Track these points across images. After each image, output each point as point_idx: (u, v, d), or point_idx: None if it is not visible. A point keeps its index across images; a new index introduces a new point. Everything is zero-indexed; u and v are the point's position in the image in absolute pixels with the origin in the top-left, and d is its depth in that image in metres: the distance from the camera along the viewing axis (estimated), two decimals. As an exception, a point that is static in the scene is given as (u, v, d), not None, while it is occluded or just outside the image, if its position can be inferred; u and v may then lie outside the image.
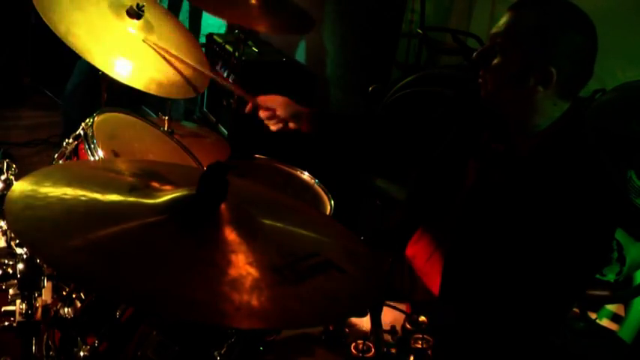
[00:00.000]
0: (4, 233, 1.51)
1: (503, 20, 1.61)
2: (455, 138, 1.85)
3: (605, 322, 2.51)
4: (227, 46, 3.73)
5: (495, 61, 1.60)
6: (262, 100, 2.05)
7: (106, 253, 1.09)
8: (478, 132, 1.79)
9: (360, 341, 1.40)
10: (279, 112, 2.03)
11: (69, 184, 1.25)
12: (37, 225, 1.11)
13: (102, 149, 1.83)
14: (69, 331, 1.37)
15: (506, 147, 1.69)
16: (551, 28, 1.54)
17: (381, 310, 1.42)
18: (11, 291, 1.41)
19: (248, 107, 2.07)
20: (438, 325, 1.57)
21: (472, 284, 1.70)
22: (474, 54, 1.66)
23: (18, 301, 1.38)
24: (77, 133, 1.90)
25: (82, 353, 1.32)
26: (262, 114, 2.05)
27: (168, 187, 1.31)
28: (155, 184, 1.32)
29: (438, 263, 1.84)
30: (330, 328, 1.49)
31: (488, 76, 1.63)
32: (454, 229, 1.78)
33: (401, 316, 1.54)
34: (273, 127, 2.07)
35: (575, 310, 2.32)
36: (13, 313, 1.38)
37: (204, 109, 4.11)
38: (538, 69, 1.55)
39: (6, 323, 1.39)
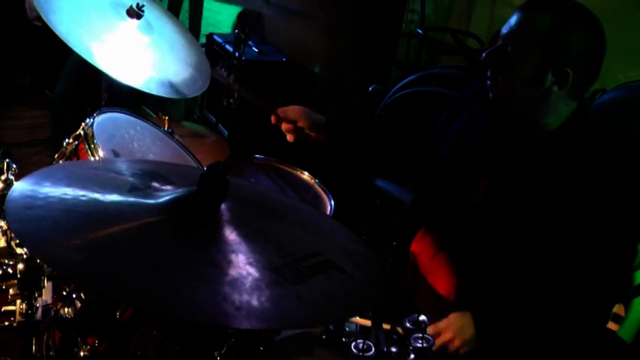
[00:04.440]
0: (4, 233, 1.51)
1: (515, 20, 1.60)
2: (460, 140, 1.85)
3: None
4: (227, 46, 3.72)
5: (509, 62, 1.60)
6: (282, 112, 2.03)
7: (106, 253, 1.09)
8: (484, 134, 1.79)
9: (360, 341, 1.39)
10: (301, 124, 2.00)
11: (69, 184, 1.25)
12: (37, 225, 1.11)
13: (102, 149, 1.83)
14: (69, 331, 1.37)
15: (519, 147, 1.70)
16: (566, 29, 1.56)
17: (381, 310, 1.43)
18: (11, 291, 1.41)
19: (273, 119, 2.04)
20: None
21: (491, 285, 1.73)
22: (484, 54, 1.65)
23: (18, 301, 1.39)
24: (77, 133, 1.90)
25: (82, 353, 1.32)
26: (284, 127, 2.03)
27: (168, 187, 1.31)
28: (155, 184, 1.32)
29: (444, 262, 1.84)
30: (330, 327, 1.49)
31: (501, 76, 1.63)
32: (468, 230, 1.78)
33: None
34: (290, 138, 2.05)
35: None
36: (13, 313, 1.38)
37: (205, 109, 4.10)
38: (555, 70, 1.57)
39: (6, 323, 1.39)
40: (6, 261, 1.46)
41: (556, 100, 1.62)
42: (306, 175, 2.43)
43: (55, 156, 1.96)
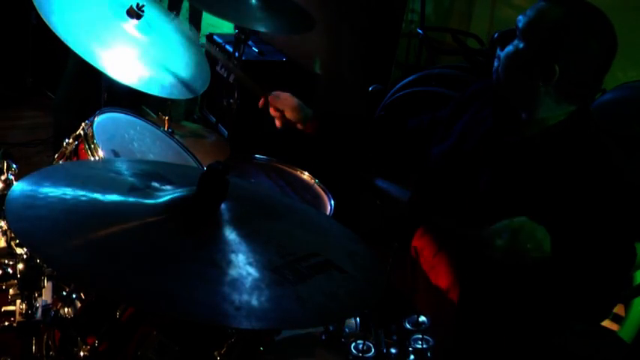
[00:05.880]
0: (4, 233, 1.51)
1: (533, 7, 1.63)
2: (463, 136, 1.86)
3: (605, 322, 2.50)
4: (227, 46, 3.72)
5: (511, 46, 1.64)
6: (273, 100, 2.07)
7: (106, 253, 1.09)
8: (489, 128, 1.79)
9: (360, 341, 1.39)
10: (288, 115, 2.05)
11: (69, 184, 1.25)
12: (37, 225, 1.11)
13: (102, 149, 1.83)
14: (69, 331, 1.37)
15: (521, 140, 1.71)
16: (570, 29, 1.56)
17: (381, 310, 1.42)
18: (11, 291, 1.41)
19: (260, 103, 2.09)
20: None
21: (495, 281, 1.72)
22: (497, 33, 1.69)
23: (18, 301, 1.39)
24: (77, 133, 1.90)
25: (82, 353, 1.32)
26: (272, 112, 2.08)
27: (168, 187, 1.31)
28: (155, 184, 1.32)
29: (446, 258, 1.85)
30: (330, 328, 1.49)
31: (503, 57, 1.67)
32: (471, 223, 1.78)
33: None
34: (277, 124, 2.09)
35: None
36: (13, 313, 1.39)
37: (204, 109, 4.10)
38: (543, 63, 1.58)
39: (6, 323, 1.39)
40: (6, 261, 1.46)
41: (544, 96, 1.62)
42: (306, 175, 2.43)
43: (55, 156, 1.96)
